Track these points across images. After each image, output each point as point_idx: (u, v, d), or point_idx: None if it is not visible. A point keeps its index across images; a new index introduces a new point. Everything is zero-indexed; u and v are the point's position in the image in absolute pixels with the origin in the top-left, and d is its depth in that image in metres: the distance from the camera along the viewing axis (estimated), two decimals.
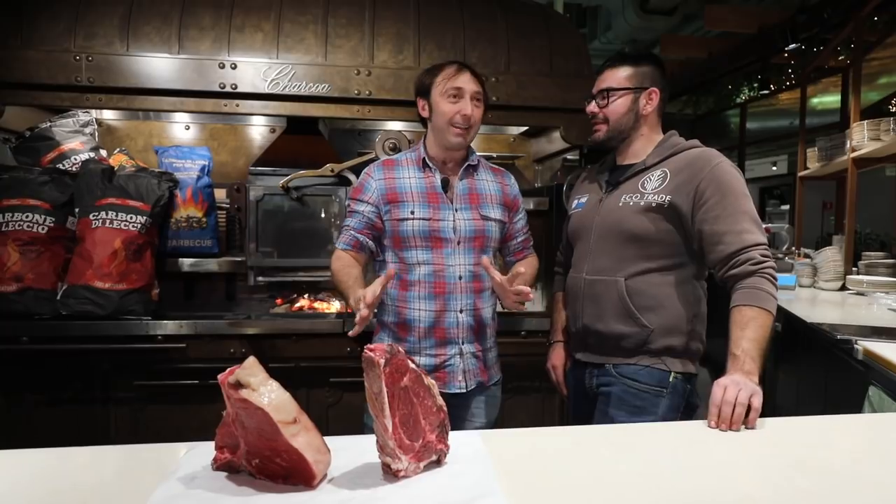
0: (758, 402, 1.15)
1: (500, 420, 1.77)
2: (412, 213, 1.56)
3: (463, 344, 1.59)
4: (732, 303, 1.36)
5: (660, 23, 6.00)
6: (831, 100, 6.06)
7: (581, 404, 1.63)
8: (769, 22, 4.94)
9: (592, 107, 1.56)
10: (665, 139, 1.55)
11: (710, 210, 1.39)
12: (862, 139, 3.31)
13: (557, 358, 1.75)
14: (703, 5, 5.20)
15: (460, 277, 1.58)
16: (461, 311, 1.58)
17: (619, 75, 1.53)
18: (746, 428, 1.13)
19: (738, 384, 1.18)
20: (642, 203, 1.46)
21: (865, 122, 3.30)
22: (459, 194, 1.62)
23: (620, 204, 1.50)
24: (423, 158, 1.61)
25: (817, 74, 5.32)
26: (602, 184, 1.60)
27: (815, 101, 6.18)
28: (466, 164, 1.64)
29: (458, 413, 1.63)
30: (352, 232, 1.60)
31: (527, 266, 1.64)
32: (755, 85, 6.35)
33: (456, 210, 1.59)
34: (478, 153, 1.71)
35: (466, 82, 1.56)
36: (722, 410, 1.14)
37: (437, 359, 1.58)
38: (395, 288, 1.60)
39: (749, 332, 1.29)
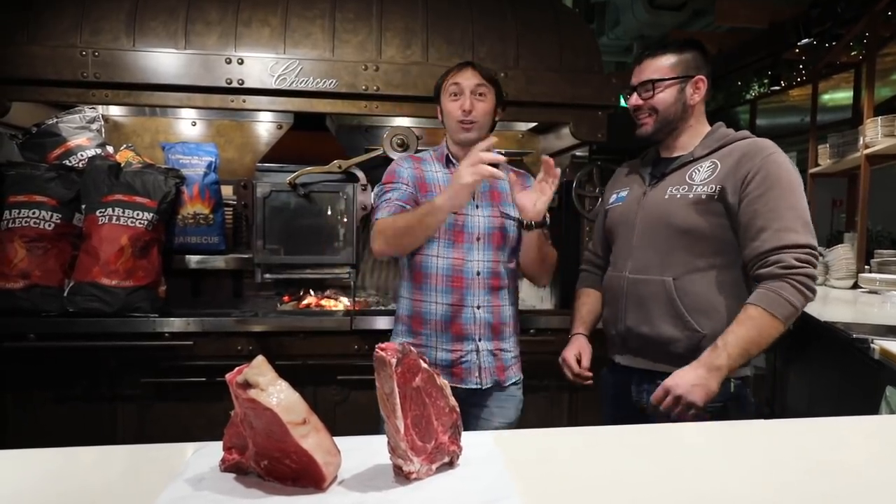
0: (693, 412, 1.23)
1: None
2: None
3: (480, 341, 1.59)
4: (747, 300, 1.30)
5: (669, 18, 5.95)
6: (842, 96, 5.99)
7: (621, 412, 1.52)
8: (781, 17, 4.88)
9: (635, 99, 1.46)
10: (713, 130, 1.47)
11: (751, 203, 1.31)
12: (876, 135, 3.26)
13: (569, 350, 1.60)
14: (713, 0, 5.14)
15: (478, 273, 1.58)
16: (478, 308, 1.59)
17: (661, 64, 1.43)
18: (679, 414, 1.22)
19: (683, 396, 1.23)
20: (691, 195, 1.37)
21: (879, 118, 3.25)
22: (481, 191, 1.63)
23: (667, 196, 1.41)
24: (447, 155, 1.64)
25: (829, 70, 5.26)
26: (645, 177, 1.51)
27: (826, 97, 6.12)
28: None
29: (475, 412, 1.63)
30: (396, 202, 1.55)
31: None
32: (766, 81, 6.28)
33: (478, 206, 1.61)
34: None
35: (465, 78, 1.57)
36: (659, 404, 1.22)
37: (454, 354, 1.58)
38: (410, 280, 1.61)
39: (742, 330, 1.25)
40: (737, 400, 1.39)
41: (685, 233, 1.37)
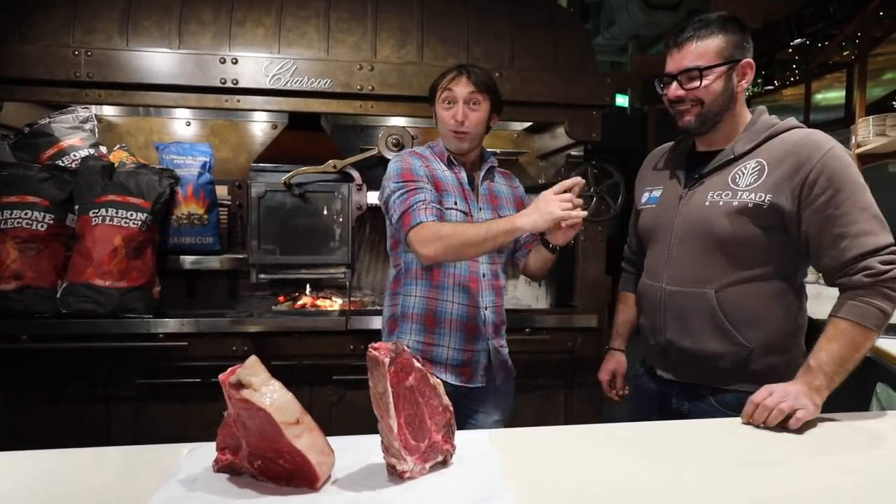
0: (802, 414, 1.08)
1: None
2: (455, 203, 1.58)
3: (489, 340, 1.62)
4: (832, 311, 1.21)
5: (664, 18, 5.97)
6: (835, 95, 6.02)
7: (659, 418, 1.43)
8: (774, 16, 4.91)
9: (676, 90, 1.29)
10: (755, 119, 1.31)
11: (820, 209, 1.18)
12: (867, 135, 3.28)
13: (605, 371, 1.64)
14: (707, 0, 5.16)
15: (484, 275, 1.62)
16: (486, 308, 1.61)
17: (707, 48, 1.25)
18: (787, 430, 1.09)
19: (788, 395, 1.09)
20: (735, 203, 1.24)
21: (871, 117, 3.27)
22: (482, 195, 1.66)
23: (707, 203, 1.29)
24: (448, 156, 1.63)
25: (822, 70, 5.29)
26: (680, 176, 1.38)
27: (818, 96, 6.15)
28: (489, 166, 1.68)
29: (474, 407, 1.67)
30: (433, 204, 1.48)
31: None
32: (759, 80, 6.31)
33: (481, 209, 1.63)
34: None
35: (460, 87, 1.54)
36: (756, 414, 1.09)
37: (465, 354, 1.60)
38: (426, 279, 1.60)
39: (834, 347, 1.15)
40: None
41: (727, 242, 1.26)
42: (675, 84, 1.29)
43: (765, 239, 1.25)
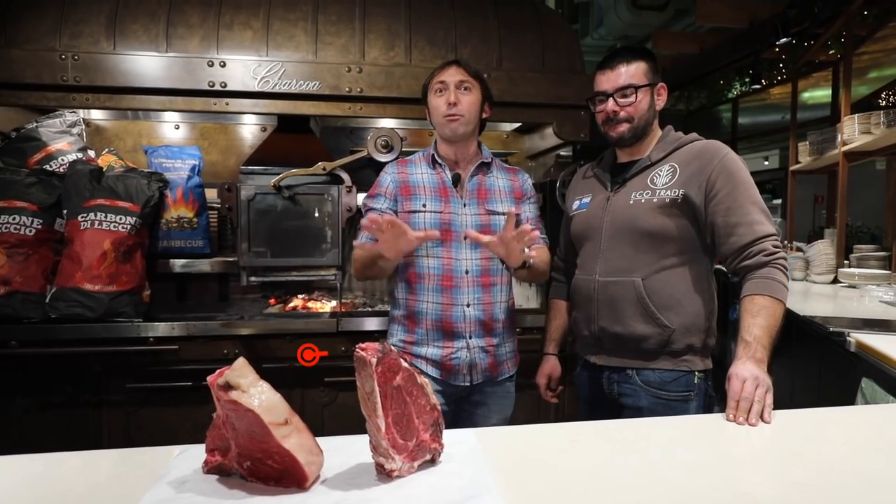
0: (770, 398, 1.17)
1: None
2: (424, 205, 1.61)
3: (470, 338, 1.61)
4: (744, 292, 1.35)
5: (652, 18, 6.00)
6: (822, 94, 6.09)
7: (596, 408, 1.59)
8: (760, 16, 4.95)
9: (612, 105, 1.47)
10: (665, 134, 1.54)
11: (721, 202, 1.38)
12: (853, 133, 3.32)
13: (542, 375, 1.74)
14: (694, 0, 5.20)
15: (467, 272, 1.61)
16: (468, 306, 1.61)
17: (638, 70, 1.47)
18: (763, 422, 1.14)
19: (757, 379, 1.18)
20: (655, 199, 1.44)
21: (856, 115, 3.31)
22: (469, 190, 1.66)
23: (631, 202, 1.47)
24: (433, 156, 1.67)
25: (808, 69, 5.35)
26: (606, 182, 1.56)
27: (805, 95, 6.22)
28: (479, 161, 1.69)
29: (471, 409, 1.67)
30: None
31: (535, 250, 1.59)
32: (747, 80, 6.36)
33: (465, 205, 1.64)
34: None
35: (450, 74, 1.60)
36: (740, 406, 1.15)
37: (444, 351, 1.60)
38: (405, 281, 1.64)
39: (760, 320, 1.29)
40: (699, 392, 1.46)
41: (651, 235, 1.44)
42: (611, 101, 1.48)
43: (682, 231, 1.43)
